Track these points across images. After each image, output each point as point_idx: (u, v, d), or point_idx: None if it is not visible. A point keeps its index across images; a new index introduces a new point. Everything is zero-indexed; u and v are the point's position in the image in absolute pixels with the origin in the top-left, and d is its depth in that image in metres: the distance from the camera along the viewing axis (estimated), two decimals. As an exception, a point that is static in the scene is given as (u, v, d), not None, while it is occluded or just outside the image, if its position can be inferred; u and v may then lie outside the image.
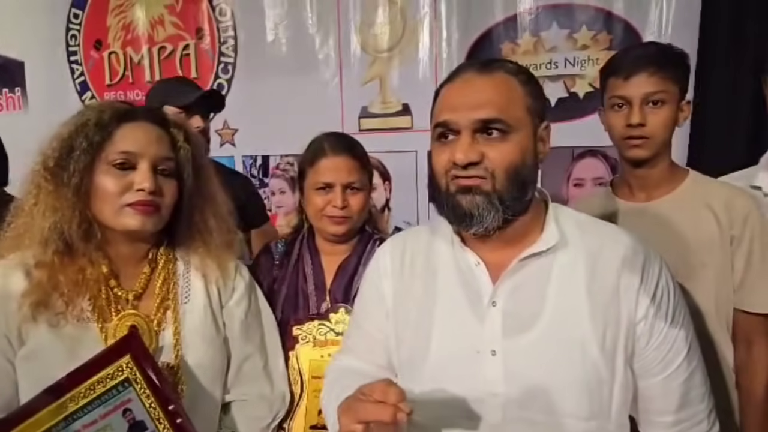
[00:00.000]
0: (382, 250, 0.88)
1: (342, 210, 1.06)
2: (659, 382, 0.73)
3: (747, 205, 1.03)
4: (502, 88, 0.72)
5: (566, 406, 0.70)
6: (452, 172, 0.72)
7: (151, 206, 0.82)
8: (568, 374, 0.70)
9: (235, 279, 0.96)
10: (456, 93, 0.74)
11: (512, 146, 0.71)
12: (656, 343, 0.72)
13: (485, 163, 0.70)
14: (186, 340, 0.86)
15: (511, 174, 0.71)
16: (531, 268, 0.74)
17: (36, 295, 0.78)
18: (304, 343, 1.06)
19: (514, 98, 0.72)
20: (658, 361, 0.73)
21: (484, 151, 0.70)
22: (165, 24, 2.45)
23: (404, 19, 2.11)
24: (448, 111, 0.73)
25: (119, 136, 0.82)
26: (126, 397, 0.76)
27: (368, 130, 2.20)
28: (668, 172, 1.10)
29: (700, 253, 1.03)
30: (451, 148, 0.72)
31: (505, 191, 0.71)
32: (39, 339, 0.79)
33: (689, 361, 0.74)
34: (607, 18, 1.89)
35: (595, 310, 0.71)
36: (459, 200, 0.72)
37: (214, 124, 2.43)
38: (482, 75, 0.73)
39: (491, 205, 0.70)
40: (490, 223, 0.71)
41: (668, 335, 0.73)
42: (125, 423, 0.76)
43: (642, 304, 0.72)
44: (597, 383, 0.70)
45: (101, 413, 0.75)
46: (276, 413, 0.99)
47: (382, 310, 0.83)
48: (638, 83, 1.02)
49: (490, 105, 0.70)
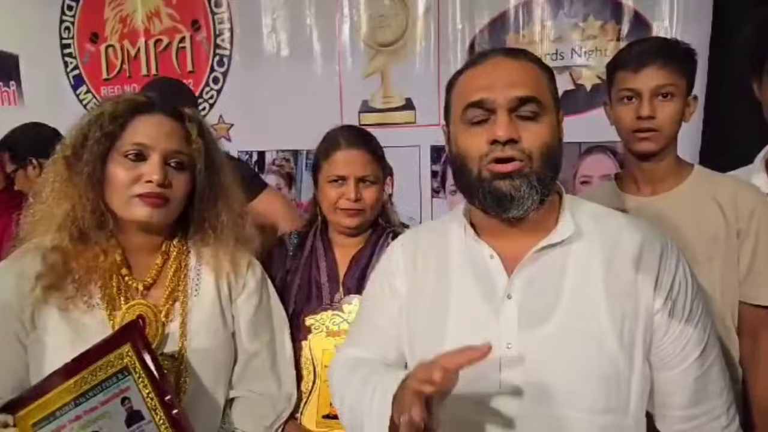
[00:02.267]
0: (394, 247, 0.87)
1: (355, 203, 1.06)
2: (676, 376, 0.71)
3: (753, 199, 1.03)
4: (531, 71, 0.73)
5: (583, 400, 0.67)
6: (490, 154, 0.70)
7: (159, 198, 0.83)
8: (584, 368, 0.68)
9: (246, 275, 0.96)
10: (487, 74, 0.73)
11: (545, 128, 0.71)
12: (673, 335, 0.71)
13: (521, 144, 0.69)
14: (192, 332, 0.87)
15: (546, 155, 0.70)
16: (546, 260, 0.73)
17: (49, 277, 0.80)
18: (317, 333, 1.05)
19: (542, 83, 0.73)
20: (675, 354, 0.71)
21: (521, 133, 0.69)
22: (161, 16, 2.40)
23: (407, 11, 2.06)
24: (482, 90, 0.71)
25: (133, 127, 0.84)
26: (125, 386, 0.75)
27: (368, 125, 2.15)
28: (674, 166, 1.09)
29: (706, 246, 1.03)
30: (486, 130, 0.70)
31: (542, 172, 0.70)
32: (49, 322, 0.80)
33: (706, 355, 0.73)
34: (615, 7, 1.84)
35: (612, 303, 0.69)
36: (498, 185, 0.70)
37: (210, 119, 2.39)
38: (510, 59, 0.74)
39: (531, 187, 0.69)
40: (530, 205, 0.70)
41: (685, 328, 0.71)
42: (124, 412, 0.75)
43: (660, 295, 0.70)
44: (615, 377, 0.68)
45: (101, 400, 0.75)
46: (280, 413, 0.98)
47: (396, 305, 0.81)
48: (648, 76, 1.03)
49: (524, 84, 0.70)
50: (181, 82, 1.76)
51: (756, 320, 1.04)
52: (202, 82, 2.39)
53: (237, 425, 0.93)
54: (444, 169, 2.08)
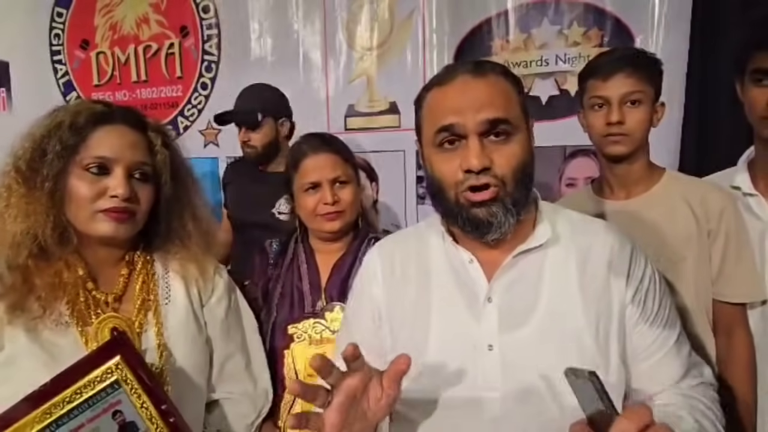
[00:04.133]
0: (370, 257, 0.87)
1: (333, 205, 1.07)
2: (649, 368, 0.75)
3: (722, 200, 1.07)
4: (499, 88, 0.73)
5: (563, 396, 0.69)
6: (465, 182, 0.71)
7: (125, 213, 0.81)
8: (563, 365, 0.68)
9: (214, 279, 0.95)
10: (455, 95, 0.72)
11: (517, 147, 0.72)
12: (649, 323, 0.75)
13: (494, 169, 0.70)
14: (170, 340, 0.85)
15: (519, 175, 0.72)
16: (524, 264, 0.75)
17: (11, 298, 0.76)
18: (299, 342, 1.07)
19: (510, 98, 0.73)
20: (645, 347, 0.75)
21: (493, 157, 0.70)
22: (150, 22, 2.41)
23: (392, 15, 2.08)
24: (451, 114, 0.71)
25: (94, 139, 0.81)
26: (115, 399, 0.74)
27: (355, 129, 2.16)
28: (646, 170, 1.13)
29: (679, 247, 1.07)
30: (459, 155, 0.71)
31: (516, 193, 0.72)
32: (16, 345, 0.77)
33: (679, 348, 0.77)
34: (598, 14, 1.86)
35: (587, 302, 0.73)
36: (476, 213, 0.72)
37: (198, 125, 2.40)
38: (477, 77, 0.73)
39: (507, 211, 0.72)
40: (507, 228, 0.72)
41: (659, 315, 0.76)
42: (115, 425, 0.74)
43: (630, 288, 0.74)
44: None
45: (89, 417, 0.73)
46: (260, 409, 1.00)
47: (375, 315, 0.82)
48: (617, 84, 1.07)
49: (494, 105, 0.70)
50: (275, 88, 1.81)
51: (730, 317, 1.08)
52: (190, 87, 2.40)
53: (221, 427, 0.94)
54: (429, 174, 2.08)
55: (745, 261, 1.07)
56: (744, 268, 1.07)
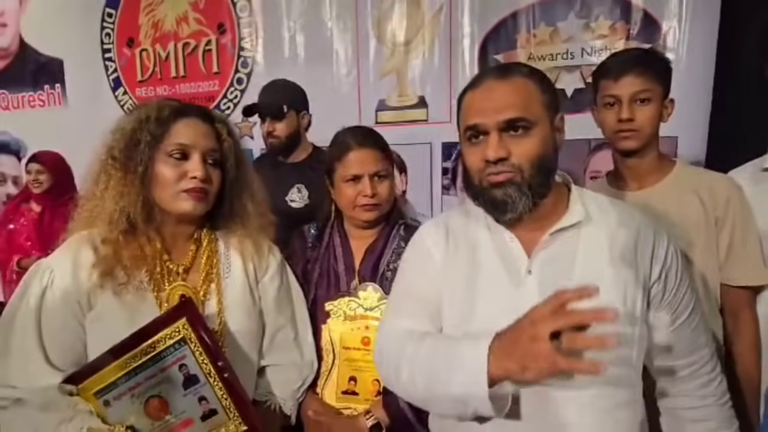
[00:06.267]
0: (426, 228, 0.97)
1: (372, 198, 1.14)
2: (673, 332, 0.86)
3: (728, 189, 1.14)
4: (520, 90, 0.82)
5: (595, 355, 0.76)
6: (486, 169, 0.82)
7: (202, 192, 0.93)
8: (595, 329, 0.76)
9: (268, 258, 1.06)
10: (481, 99, 0.83)
11: (535, 140, 0.81)
12: (668, 299, 0.85)
13: (512, 159, 0.81)
14: (228, 309, 0.97)
15: (536, 164, 0.81)
16: (560, 241, 0.84)
17: (103, 266, 0.89)
18: (335, 318, 1.15)
19: (532, 97, 0.82)
20: (670, 314, 0.85)
21: (511, 149, 0.80)
22: (189, 20, 2.54)
23: (421, 12, 2.14)
24: (476, 115, 0.83)
25: (175, 130, 0.93)
26: (181, 354, 0.86)
27: (385, 123, 2.24)
28: (657, 162, 1.20)
29: (688, 234, 1.13)
30: (482, 147, 0.82)
31: (532, 180, 0.81)
32: (105, 305, 0.89)
33: (695, 314, 0.88)
34: (625, 7, 1.88)
35: (616, 276, 0.81)
36: (494, 194, 0.82)
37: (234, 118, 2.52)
38: (501, 81, 0.83)
39: (522, 194, 0.81)
40: (522, 209, 0.82)
41: (678, 293, 0.85)
42: (181, 376, 0.87)
43: (655, 268, 0.84)
44: (620, 336, 0.77)
45: (160, 367, 0.85)
46: (305, 378, 1.11)
47: (436, 277, 0.91)
48: (627, 83, 1.14)
49: (512, 107, 0.80)
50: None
51: (736, 300, 1.15)
52: (226, 82, 2.53)
53: (270, 389, 1.06)
54: (455, 166, 2.16)
55: (751, 246, 1.13)
56: (749, 253, 1.13)
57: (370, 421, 1.07)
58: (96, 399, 0.85)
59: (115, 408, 0.85)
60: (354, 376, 1.13)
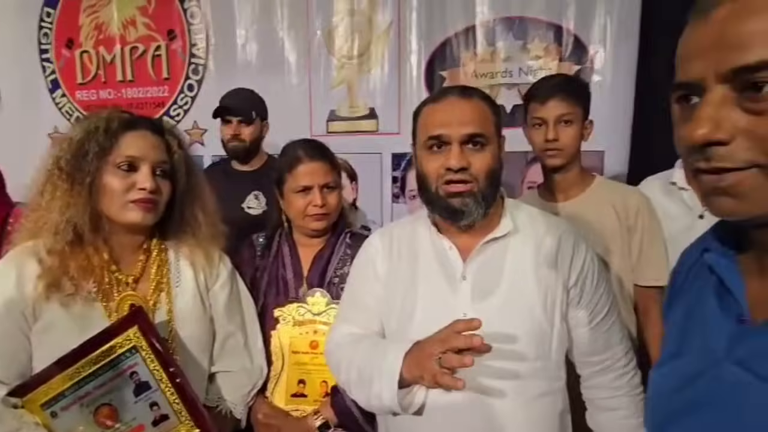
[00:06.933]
0: (372, 239, 1.06)
1: (322, 208, 1.20)
2: (588, 331, 0.96)
3: (638, 201, 1.31)
4: (479, 110, 0.92)
5: (520, 352, 0.89)
6: (445, 177, 0.90)
7: (150, 203, 0.95)
8: (520, 328, 0.90)
9: (219, 267, 1.09)
10: (444, 113, 0.92)
11: (489, 155, 0.91)
12: (585, 302, 0.95)
13: (471, 170, 0.89)
14: (178, 317, 1.00)
15: (489, 177, 0.91)
16: (491, 250, 0.94)
17: (48, 277, 0.89)
18: (284, 324, 1.20)
19: (487, 118, 0.93)
20: (588, 315, 0.95)
21: (470, 161, 0.89)
22: (137, 24, 2.50)
23: (371, 27, 2.22)
24: (440, 127, 0.91)
25: (124, 142, 0.94)
26: (133, 362, 0.88)
27: (336, 132, 2.30)
28: (579, 177, 1.36)
29: (606, 241, 1.29)
30: (443, 156, 0.90)
31: (486, 191, 0.90)
32: (52, 316, 0.90)
33: (611, 315, 0.98)
34: (557, 31, 2.05)
35: (539, 281, 0.92)
36: (451, 202, 0.90)
37: (184, 124, 2.50)
38: (463, 99, 0.92)
39: (477, 203, 0.90)
40: (476, 217, 0.91)
41: (594, 295, 0.95)
42: (132, 383, 0.89)
43: (573, 274, 0.94)
44: (541, 334, 0.91)
45: (110, 376, 0.87)
46: (255, 382, 1.15)
47: (378, 285, 1.00)
48: (552, 106, 1.29)
49: (473, 122, 0.90)
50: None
51: (646, 298, 1.31)
52: (177, 88, 2.50)
53: (221, 394, 1.09)
54: (404, 176, 2.25)
55: (657, 250, 1.29)
56: (656, 256, 1.29)
57: (318, 420, 1.13)
58: (43, 411, 0.85)
59: (62, 419, 0.86)
60: (303, 378, 1.18)
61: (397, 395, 0.85)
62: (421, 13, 2.15)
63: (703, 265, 0.57)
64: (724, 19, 0.44)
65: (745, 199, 0.45)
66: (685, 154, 0.48)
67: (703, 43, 0.46)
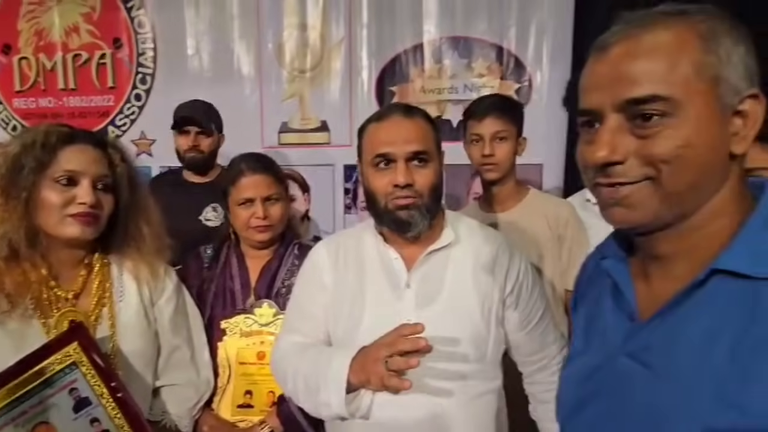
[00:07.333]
0: (318, 249, 1.08)
1: (264, 220, 1.22)
2: (526, 334, 1.03)
3: (567, 212, 1.43)
4: (422, 128, 0.98)
5: (459, 354, 0.95)
6: (393, 193, 0.94)
7: (90, 217, 0.94)
8: (459, 333, 0.96)
9: (164, 280, 1.09)
10: (390, 131, 0.96)
11: (432, 171, 0.97)
12: (521, 308, 1.01)
13: (416, 186, 0.95)
14: (121, 332, 0.99)
15: (433, 192, 0.97)
16: (434, 260, 0.99)
17: None
18: (231, 335, 1.21)
19: (429, 136, 0.98)
20: (523, 319, 1.02)
21: (415, 177, 0.94)
22: (80, 32, 2.43)
23: (323, 42, 2.27)
24: (386, 145, 0.95)
25: (63, 156, 0.93)
26: (72, 378, 0.87)
27: (288, 144, 2.32)
28: (515, 189, 1.46)
29: (540, 248, 1.39)
30: (390, 173, 0.95)
31: (430, 204, 0.96)
32: None
33: (544, 318, 1.06)
34: (499, 51, 2.17)
35: (477, 288, 0.98)
36: (399, 215, 0.95)
37: (131, 135, 2.44)
38: (407, 118, 0.97)
39: (422, 216, 0.95)
40: (422, 228, 0.96)
41: (529, 301, 1.03)
42: (71, 400, 0.87)
43: (509, 282, 1.00)
44: (478, 338, 0.97)
45: (48, 394, 0.85)
46: (201, 395, 1.15)
47: (325, 295, 1.02)
48: (488, 124, 1.38)
49: (417, 140, 0.95)
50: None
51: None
52: (123, 98, 2.44)
53: (166, 409, 1.07)
54: (355, 187, 2.29)
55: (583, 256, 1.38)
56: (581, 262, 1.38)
57: (265, 430, 1.14)
58: None
59: None
60: (249, 389, 1.19)
61: (345, 400, 0.88)
62: (372, 30, 2.22)
63: (602, 271, 0.65)
64: (619, 58, 0.52)
65: (634, 209, 0.53)
66: (587, 171, 0.57)
67: (602, 77, 0.53)
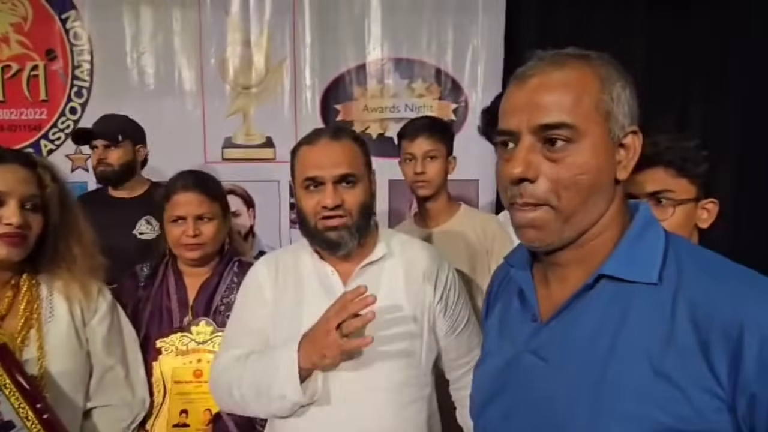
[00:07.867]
0: (258, 266, 1.11)
1: (194, 238, 1.23)
2: (454, 338, 1.09)
3: (494, 227, 1.53)
4: (350, 150, 1.02)
5: (393, 359, 1.00)
6: (322, 213, 0.99)
7: (17, 237, 0.94)
8: (394, 340, 1.01)
9: (98, 300, 1.08)
10: (318, 154, 1.01)
11: (360, 191, 1.02)
12: (449, 314, 1.08)
13: (344, 206, 0.99)
14: (50, 353, 0.97)
15: (362, 210, 1.01)
16: (368, 273, 1.05)
17: None
18: (167, 354, 1.21)
19: (358, 157, 1.03)
20: (451, 325, 1.08)
21: (343, 198, 0.99)
22: (10, 42, 2.33)
23: (268, 59, 2.30)
24: (314, 168, 1.00)
25: None
26: None
27: (232, 159, 2.32)
28: (446, 205, 1.55)
29: (472, 261, 1.48)
30: (318, 195, 1.00)
31: (359, 223, 1.01)
32: None
33: (470, 324, 1.12)
34: (437, 73, 2.29)
35: (409, 298, 1.04)
36: (329, 235, 1.00)
37: (66, 149, 2.36)
38: (335, 141, 1.02)
39: (351, 235, 1.00)
40: (351, 247, 1.01)
41: (456, 308, 1.09)
42: None
43: (438, 291, 1.07)
44: (411, 344, 1.03)
45: None
46: (136, 415, 1.14)
47: (266, 309, 1.06)
48: (420, 144, 1.47)
49: (345, 163, 1.00)
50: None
51: None
52: (57, 111, 2.36)
53: (96, 430, 1.06)
54: (299, 202, 2.32)
55: None
56: None
57: (200, 448, 1.15)
58: None
59: None
60: (185, 408, 1.19)
61: (301, 387, 0.91)
62: (315, 50, 2.28)
63: (510, 278, 0.73)
64: (534, 88, 0.60)
65: (541, 231, 0.61)
66: (504, 189, 0.63)
67: (520, 103, 0.61)
